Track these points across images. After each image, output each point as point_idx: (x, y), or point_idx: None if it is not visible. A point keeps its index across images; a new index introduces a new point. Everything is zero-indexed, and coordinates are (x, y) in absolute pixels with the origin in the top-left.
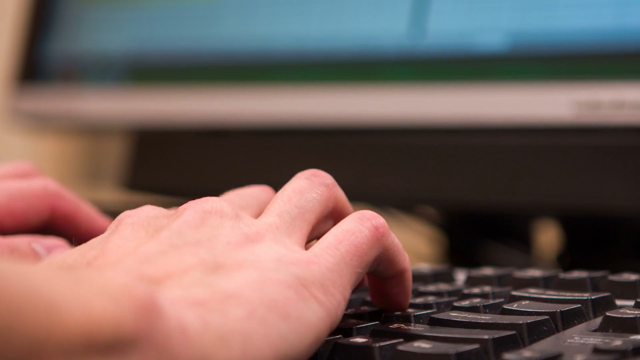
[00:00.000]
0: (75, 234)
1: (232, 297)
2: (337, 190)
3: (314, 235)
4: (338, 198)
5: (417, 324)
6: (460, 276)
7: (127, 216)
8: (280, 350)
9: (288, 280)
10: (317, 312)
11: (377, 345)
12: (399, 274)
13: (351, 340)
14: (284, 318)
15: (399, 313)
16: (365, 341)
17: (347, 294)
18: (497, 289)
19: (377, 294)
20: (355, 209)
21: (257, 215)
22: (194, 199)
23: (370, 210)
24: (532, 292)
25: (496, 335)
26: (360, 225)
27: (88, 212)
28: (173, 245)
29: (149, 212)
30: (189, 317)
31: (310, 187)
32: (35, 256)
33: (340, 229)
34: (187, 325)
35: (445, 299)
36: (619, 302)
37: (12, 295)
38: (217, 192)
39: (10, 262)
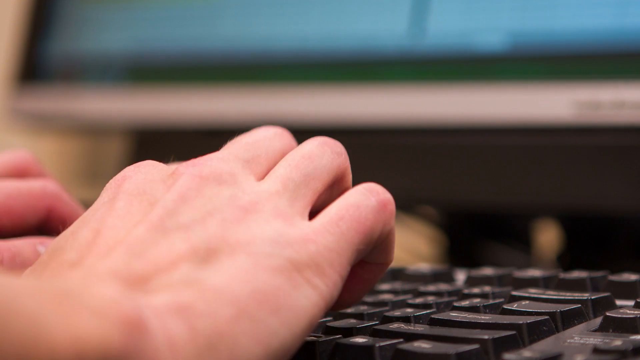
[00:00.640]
0: None
1: (222, 294)
2: (347, 160)
3: (318, 203)
4: (347, 168)
5: (417, 324)
6: (460, 276)
7: (124, 179)
8: (270, 346)
9: (281, 266)
10: (310, 297)
11: (377, 345)
12: (382, 265)
13: (351, 340)
14: (274, 312)
15: (398, 313)
16: (366, 341)
17: (345, 272)
18: (497, 289)
19: None
20: None
21: (265, 167)
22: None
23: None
24: (532, 292)
25: (496, 335)
26: (367, 198)
27: None
28: (164, 229)
29: (146, 175)
30: (176, 327)
31: (321, 153)
32: None
33: (344, 202)
34: (174, 337)
35: (445, 299)
36: (619, 302)
37: None
38: None
39: None
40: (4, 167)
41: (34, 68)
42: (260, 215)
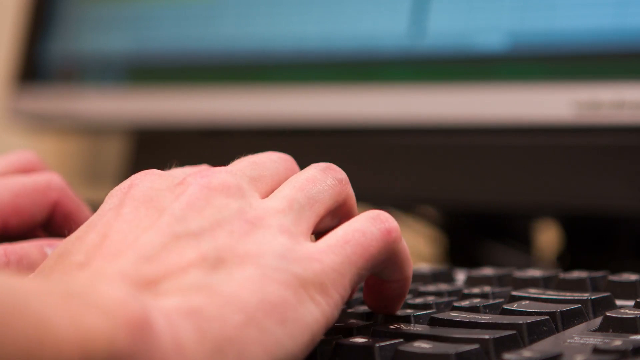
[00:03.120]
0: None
1: (231, 300)
2: (349, 187)
3: (319, 228)
4: (349, 195)
5: (417, 324)
6: (460, 276)
7: (131, 187)
8: (275, 355)
9: (288, 280)
10: (313, 314)
11: (377, 345)
12: (401, 281)
13: (351, 340)
14: (281, 323)
15: (399, 313)
16: (366, 341)
17: (346, 294)
18: (497, 289)
19: (372, 293)
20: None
21: (269, 187)
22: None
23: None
24: (532, 292)
25: (496, 335)
26: (372, 226)
27: (88, 214)
28: (174, 235)
29: (152, 183)
30: (185, 329)
31: (324, 178)
32: None
33: (351, 227)
34: (182, 339)
35: (445, 299)
36: (619, 302)
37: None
38: None
39: None
40: (10, 167)
41: (34, 68)
42: (267, 230)
